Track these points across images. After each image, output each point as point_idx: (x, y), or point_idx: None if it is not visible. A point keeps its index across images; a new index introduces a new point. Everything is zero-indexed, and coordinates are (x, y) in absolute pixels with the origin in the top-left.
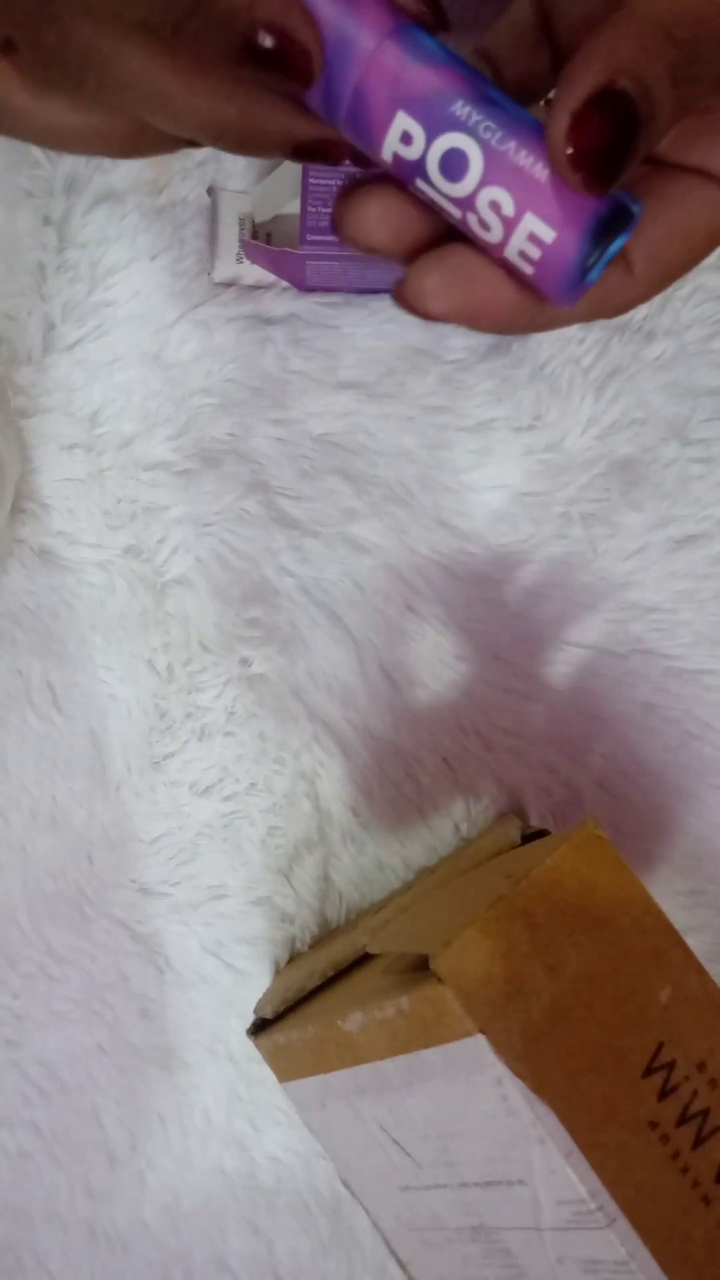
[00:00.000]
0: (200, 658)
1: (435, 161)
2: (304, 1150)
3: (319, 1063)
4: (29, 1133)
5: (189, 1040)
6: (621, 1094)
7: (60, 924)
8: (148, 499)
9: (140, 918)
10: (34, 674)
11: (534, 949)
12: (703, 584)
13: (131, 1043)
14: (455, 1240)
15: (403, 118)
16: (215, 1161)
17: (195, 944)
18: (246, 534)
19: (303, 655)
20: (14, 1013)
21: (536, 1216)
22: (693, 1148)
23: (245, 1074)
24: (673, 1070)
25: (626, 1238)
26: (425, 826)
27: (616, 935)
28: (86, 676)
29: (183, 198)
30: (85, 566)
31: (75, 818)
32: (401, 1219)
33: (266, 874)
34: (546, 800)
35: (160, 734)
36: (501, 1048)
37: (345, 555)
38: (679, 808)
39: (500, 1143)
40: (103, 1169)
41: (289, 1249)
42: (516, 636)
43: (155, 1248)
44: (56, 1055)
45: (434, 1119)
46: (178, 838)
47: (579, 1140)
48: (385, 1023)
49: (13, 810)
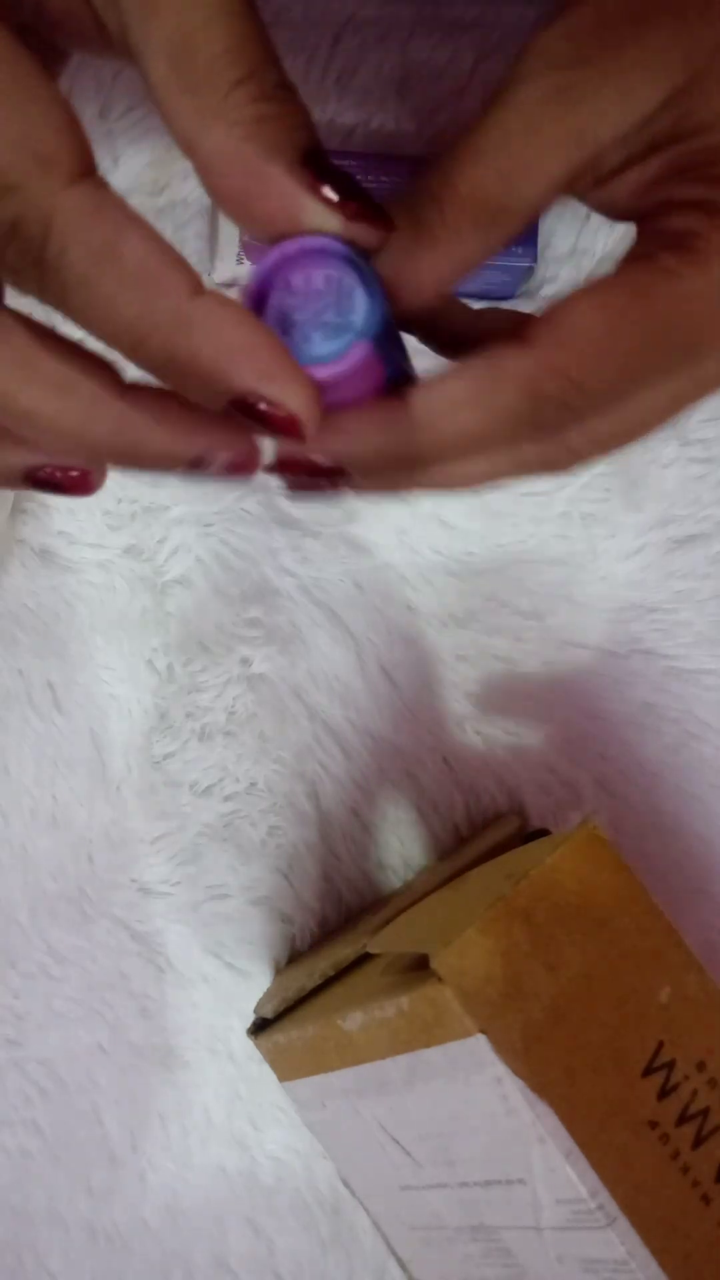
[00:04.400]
0: (200, 658)
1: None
2: (304, 1149)
3: (319, 1062)
4: (29, 1132)
5: (189, 1040)
6: (621, 1093)
7: (61, 923)
8: (148, 499)
9: (141, 917)
10: (34, 674)
11: (534, 949)
12: (703, 584)
13: (132, 1042)
14: (455, 1239)
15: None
16: (215, 1161)
17: (196, 944)
18: (247, 534)
19: (303, 655)
20: (14, 1012)
21: (536, 1216)
22: (692, 1147)
23: (245, 1073)
24: (672, 1070)
25: (626, 1237)
26: (425, 826)
27: (616, 935)
28: (87, 676)
29: (183, 198)
30: (86, 566)
31: (76, 817)
32: (402, 1218)
33: (267, 874)
34: (546, 800)
35: (161, 734)
36: (501, 1047)
37: (345, 555)
38: (679, 808)
39: (500, 1142)
40: (103, 1168)
41: (289, 1248)
42: (516, 636)
43: (155, 1247)
44: (57, 1054)
45: (434, 1118)
46: (178, 838)
47: (579, 1139)
48: (385, 1022)
49: (13, 810)
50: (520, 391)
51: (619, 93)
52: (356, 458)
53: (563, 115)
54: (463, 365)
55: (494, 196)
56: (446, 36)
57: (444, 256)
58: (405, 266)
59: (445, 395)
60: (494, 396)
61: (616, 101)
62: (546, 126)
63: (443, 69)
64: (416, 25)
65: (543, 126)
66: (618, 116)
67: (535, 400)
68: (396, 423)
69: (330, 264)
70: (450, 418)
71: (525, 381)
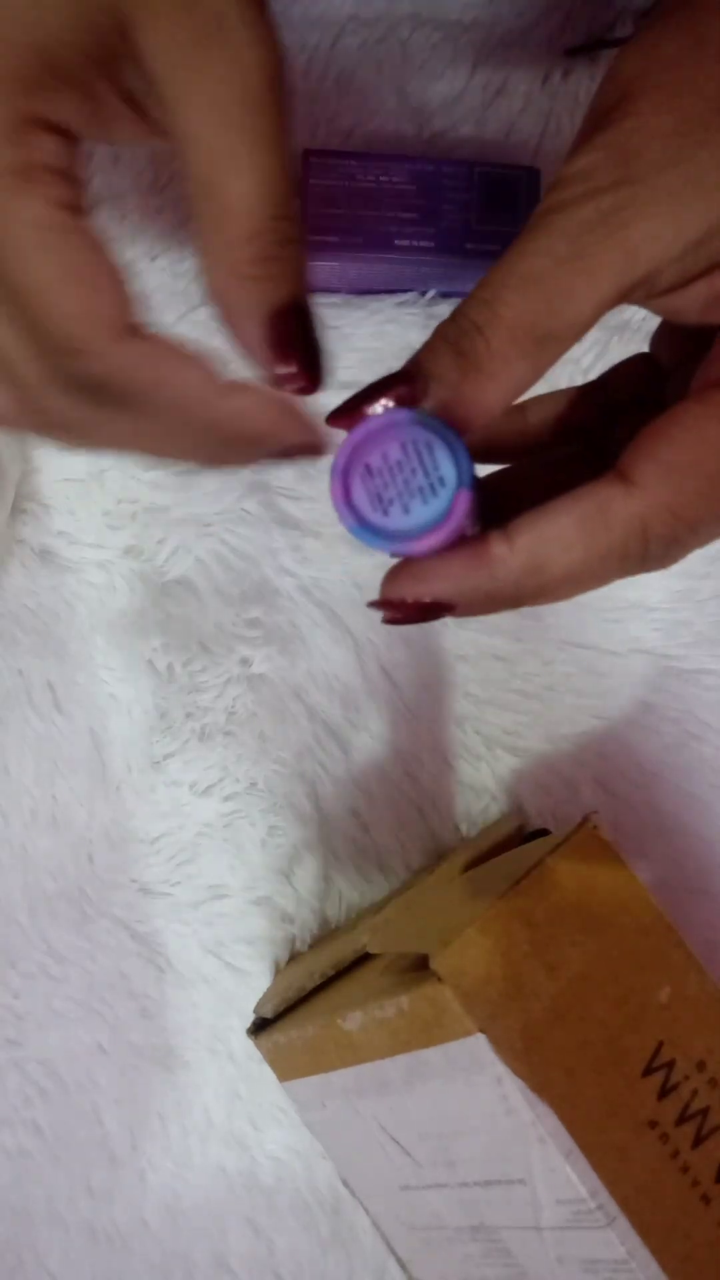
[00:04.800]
0: (200, 658)
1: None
2: (304, 1149)
3: (319, 1062)
4: (29, 1132)
5: (189, 1040)
6: (621, 1093)
7: (61, 923)
8: (148, 499)
9: (140, 917)
10: (34, 674)
11: (534, 948)
12: (702, 584)
13: (132, 1042)
14: (455, 1239)
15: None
16: (215, 1161)
17: (196, 944)
18: (247, 534)
19: (303, 655)
20: (14, 1012)
21: (536, 1216)
22: (692, 1147)
23: (245, 1073)
24: (672, 1069)
25: (626, 1237)
26: (425, 826)
27: (616, 935)
28: (87, 676)
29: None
30: (86, 566)
31: (76, 817)
32: (401, 1218)
33: (267, 874)
34: (546, 800)
35: (161, 734)
36: (501, 1047)
37: (345, 555)
38: (679, 808)
39: (500, 1142)
40: (103, 1168)
41: (289, 1248)
42: (516, 637)
43: (155, 1247)
44: (57, 1054)
45: (434, 1118)
46: (178, 837)
47: (579, 1139)
48: (385, 1022)
49: (13, 810)
50: (630, 532)
51: (671, 213)
52: (465, 598)
53: (611, 239)
54: (567, 504)
55: (541, 324)
56: (446, 37)
57: (493, 387)
58: (455, 401)
59: (554, 538)
60: (603, 538)
61: (669, 222)
62: (594, 251)
63: (442, 70)
64: (416, 26)
65: (590, 251)
66: (671, 237)
67: (645, 540)
68: (504, 562)
69: (400, 432)
70: (559, 560)
71: (635, 523)
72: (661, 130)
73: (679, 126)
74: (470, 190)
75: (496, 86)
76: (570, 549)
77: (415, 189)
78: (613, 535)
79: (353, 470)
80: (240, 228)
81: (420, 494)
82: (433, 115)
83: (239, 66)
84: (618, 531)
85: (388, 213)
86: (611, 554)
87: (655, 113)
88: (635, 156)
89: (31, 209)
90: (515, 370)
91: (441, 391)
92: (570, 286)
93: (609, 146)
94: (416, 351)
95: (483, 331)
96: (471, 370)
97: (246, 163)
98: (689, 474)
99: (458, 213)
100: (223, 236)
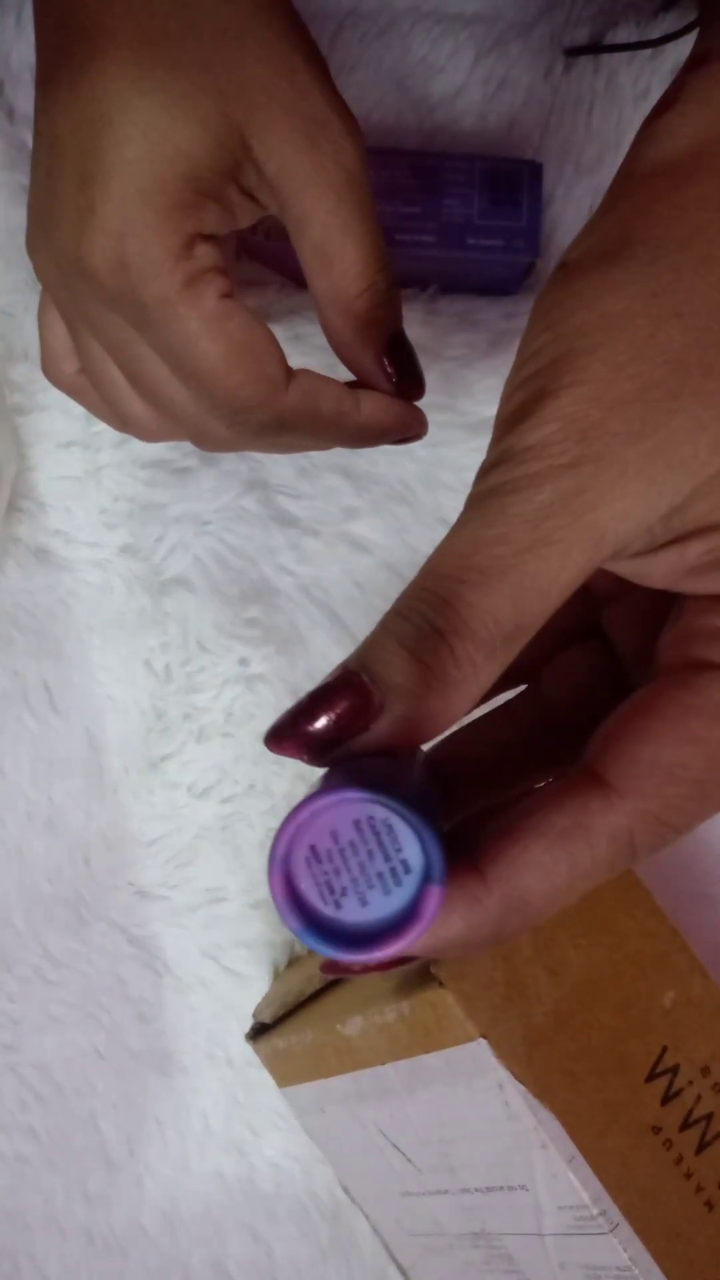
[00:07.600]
0: (198, 658)
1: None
2: (303, 1155)
3: (318, 1067)
4: (26, 1137)
5: (187, 1044)
6: (624, 1099)
7: (57, 927)
8: (145, 497)
9: (138, 921)
10: (30, 674)
11: (536, 952)
12: None
13: (129, 1047)
14: (456, 1246)
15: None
16: (214, 1166)
17: (193, 947)
18: (245, 532)
19: (302, 655)
20: (10, 1016)
21: (538, 1222)
22: (696, 1153)
23: (244, 1079)
24: (676, 1075)
25: (629, 1243)
26: None
27: (619, 938)
28: (83, 677)
29: None
30: (82, 565)
31: (72, 819)
32: (402, 1224)
33: (265, 877)
34: None
35: (158, 735)
36: (503, 1052)
37: (345, 554)
38: None
39: (502, 1148)
40: (100, 1174)
41: (288, 1254)
42: None
43: (153, 1253)
44: (53, 1059)
45: (435, 1124)
46: (176, 840)
47: (581, 1145)
48: (385, 1027)
49: (9, 812)
50: (616, 845)
51: (640, 491)
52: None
53: (577, 524)
54: (540, 821)
55: (508, 621)
56: (447, 31)
57: (459, 697)
58: (417, 716)
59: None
60: (586, 855)
61: (638, 501)
62: (559, 537)
63: (443, 63)
64: (417, 19)
65: (555, 538)
66: (640, 515)
67: (633, 850)
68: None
69: (353, 808)
70: (540, 889)
71: (622, 835)
72: (622, 398)
73: (641, 394)
74: (471, 184)
75: (498, 80)
76: (552, 874)
77: (416, 183)
78: (597, 851)
79: (294, 855)
80: (356, 284)
81: (381, 883)
82: (434, 109)
83: (342, 158)
84: (602, 847)
85: (388, 207)
86: (597, 869)
87: (613, 379)
88: (595, 430)
89: (201, 307)
90: (483, 675)
91: (400, 707)
92: (535, 577)
93: (564, 420)
94: (361, 651)
95: (446, 639)
96: (436, 682)
97: (357, 231)
98: (675, 779)
99: (459, 207)
100: (342, 291)
